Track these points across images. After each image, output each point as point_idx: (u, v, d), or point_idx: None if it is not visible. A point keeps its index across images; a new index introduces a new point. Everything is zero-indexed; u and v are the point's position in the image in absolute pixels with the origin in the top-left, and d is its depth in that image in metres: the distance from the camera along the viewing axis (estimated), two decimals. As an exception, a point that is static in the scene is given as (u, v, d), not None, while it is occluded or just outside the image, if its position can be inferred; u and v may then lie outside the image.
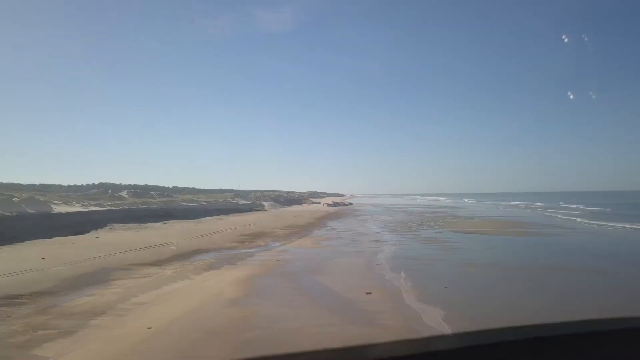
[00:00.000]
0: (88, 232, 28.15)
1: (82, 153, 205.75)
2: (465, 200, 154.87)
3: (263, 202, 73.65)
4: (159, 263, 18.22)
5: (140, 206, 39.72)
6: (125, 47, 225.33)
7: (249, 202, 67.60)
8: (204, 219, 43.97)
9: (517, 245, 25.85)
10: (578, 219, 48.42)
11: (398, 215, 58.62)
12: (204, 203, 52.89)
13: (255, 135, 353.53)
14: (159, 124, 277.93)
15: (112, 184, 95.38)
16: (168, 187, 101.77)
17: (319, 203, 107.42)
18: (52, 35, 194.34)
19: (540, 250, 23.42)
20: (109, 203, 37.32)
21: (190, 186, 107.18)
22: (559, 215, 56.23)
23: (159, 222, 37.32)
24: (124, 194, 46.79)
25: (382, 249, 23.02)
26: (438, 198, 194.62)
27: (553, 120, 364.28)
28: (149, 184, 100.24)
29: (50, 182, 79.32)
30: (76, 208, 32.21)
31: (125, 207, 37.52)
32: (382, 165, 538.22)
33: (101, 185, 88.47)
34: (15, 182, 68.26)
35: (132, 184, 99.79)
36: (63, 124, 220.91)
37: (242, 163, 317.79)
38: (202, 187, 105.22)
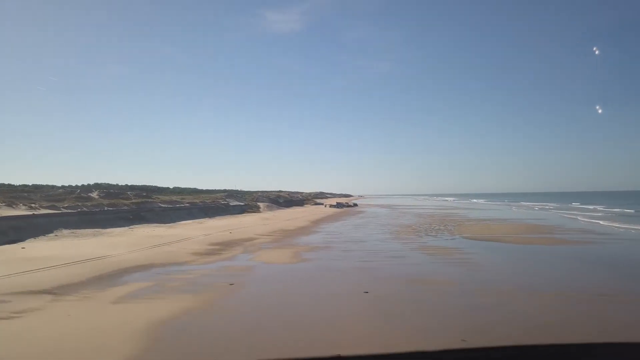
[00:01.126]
0: (22, 241, 23.18)
1: (86, 154, 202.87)
2: (474, 200, 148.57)
3: (259, 204, 68.33)
4: (61, 290, 13.10)
5: (106, 208, 34.79)
6: (132, 50, 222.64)
7: (242, 203, 62.33)
8: (181, 222, 38.97)
9: (551, 257, 20.38)
10: (601, 222, 42.93)
11: (404, 217, 53.26)
12: (187, 204, 47.84)
13: (262, 136, 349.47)
14: (165, 127, 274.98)
15: (108, 184, 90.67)
16: (168, 188, 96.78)
17: (322, 204, 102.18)
18: (53, 36, 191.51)
19: (586, 266, 17.92)
20: (66, 205, 32.42)
21: (192, 186, 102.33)
22: (579, 218, 50.68)
23: (124, 226, 32.34)
24: (94, 194, 41.92)
25: (377, 265, 17.77)
26: (446, 198, 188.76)
27: (560, 122, 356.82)
28: (148, 184, 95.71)
29: (51, 184, 74.78)
30: (21, 211, 27.40)
31: (85, 209, 32.59)
32: (390, 165, 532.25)
33: (96, 185, 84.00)
34: (7, 182, 63.94)
35: (129, 184, 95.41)
36: (69, 124, 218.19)
37: (248, 164, 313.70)
38: (204, 188, 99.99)
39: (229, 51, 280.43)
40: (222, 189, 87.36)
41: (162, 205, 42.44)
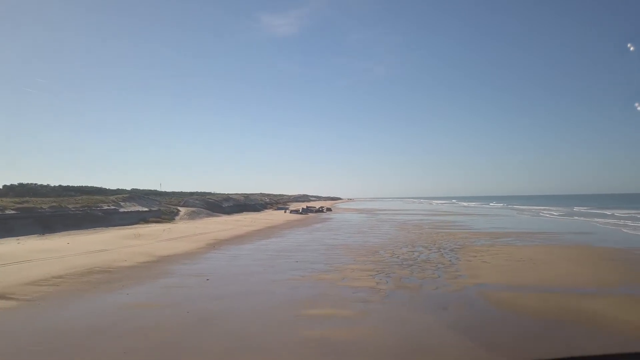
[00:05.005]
0: None
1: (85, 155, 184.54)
2: (464, 204, 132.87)
3: (179, 209, 49.47)
4: None
5: None
6: (132, 50, 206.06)
7: (146, 209, 42.72)
8: None
9: None
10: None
11: (379, 230, 34.80)
12: (13, 212, 28.97)
13: (257, 138, 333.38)
14: (161, 127, 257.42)
15: (34, 184, 75.61)
16: (125, 190, 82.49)
17: (285, 209, 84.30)
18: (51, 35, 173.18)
19: None
20: None
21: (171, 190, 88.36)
22: (625, 230, 33.99)
23: None
24: None
25: None
26: (432, 201, 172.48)
27: (560, 124, 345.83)
28: (91, 185, 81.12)
29: None
30: None
31: None
32: (383, 168, 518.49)
33: (10, 187, 68.23)
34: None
35: (64, 185, 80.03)
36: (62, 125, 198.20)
37: (240, 166, 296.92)
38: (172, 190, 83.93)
39: (228, 54, 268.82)
40: (140, 188, 68.83)
41: None
